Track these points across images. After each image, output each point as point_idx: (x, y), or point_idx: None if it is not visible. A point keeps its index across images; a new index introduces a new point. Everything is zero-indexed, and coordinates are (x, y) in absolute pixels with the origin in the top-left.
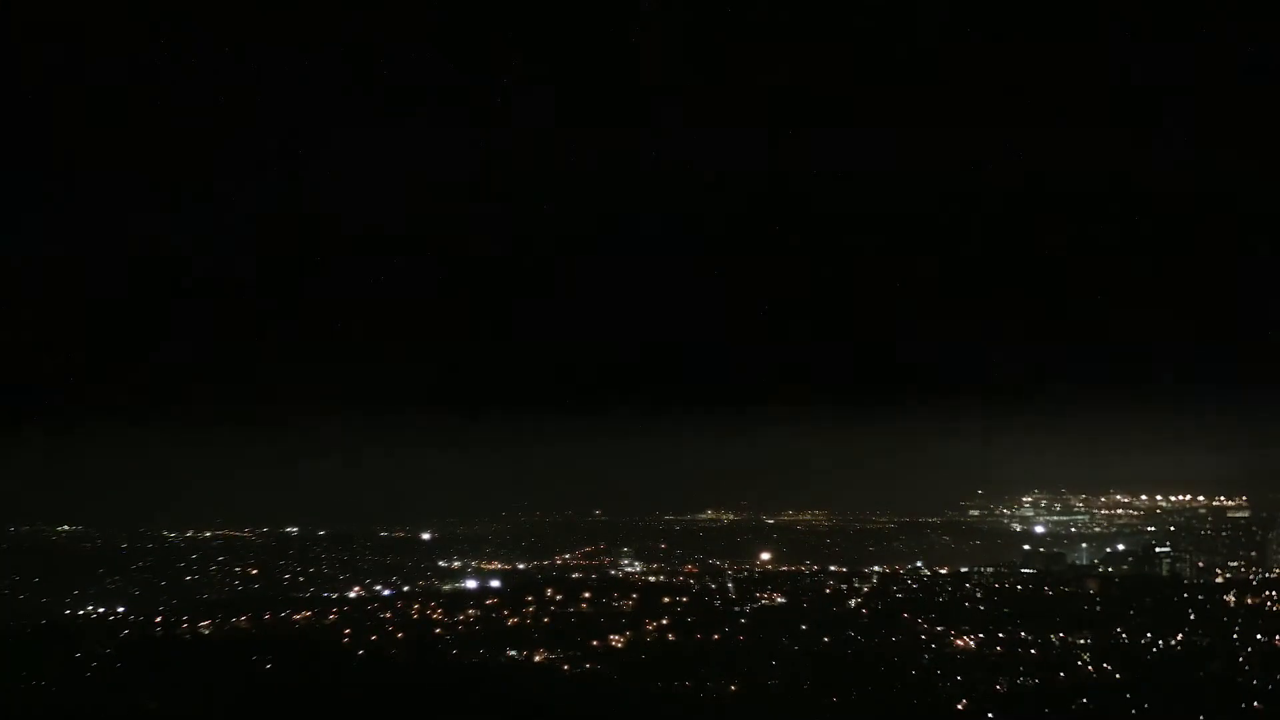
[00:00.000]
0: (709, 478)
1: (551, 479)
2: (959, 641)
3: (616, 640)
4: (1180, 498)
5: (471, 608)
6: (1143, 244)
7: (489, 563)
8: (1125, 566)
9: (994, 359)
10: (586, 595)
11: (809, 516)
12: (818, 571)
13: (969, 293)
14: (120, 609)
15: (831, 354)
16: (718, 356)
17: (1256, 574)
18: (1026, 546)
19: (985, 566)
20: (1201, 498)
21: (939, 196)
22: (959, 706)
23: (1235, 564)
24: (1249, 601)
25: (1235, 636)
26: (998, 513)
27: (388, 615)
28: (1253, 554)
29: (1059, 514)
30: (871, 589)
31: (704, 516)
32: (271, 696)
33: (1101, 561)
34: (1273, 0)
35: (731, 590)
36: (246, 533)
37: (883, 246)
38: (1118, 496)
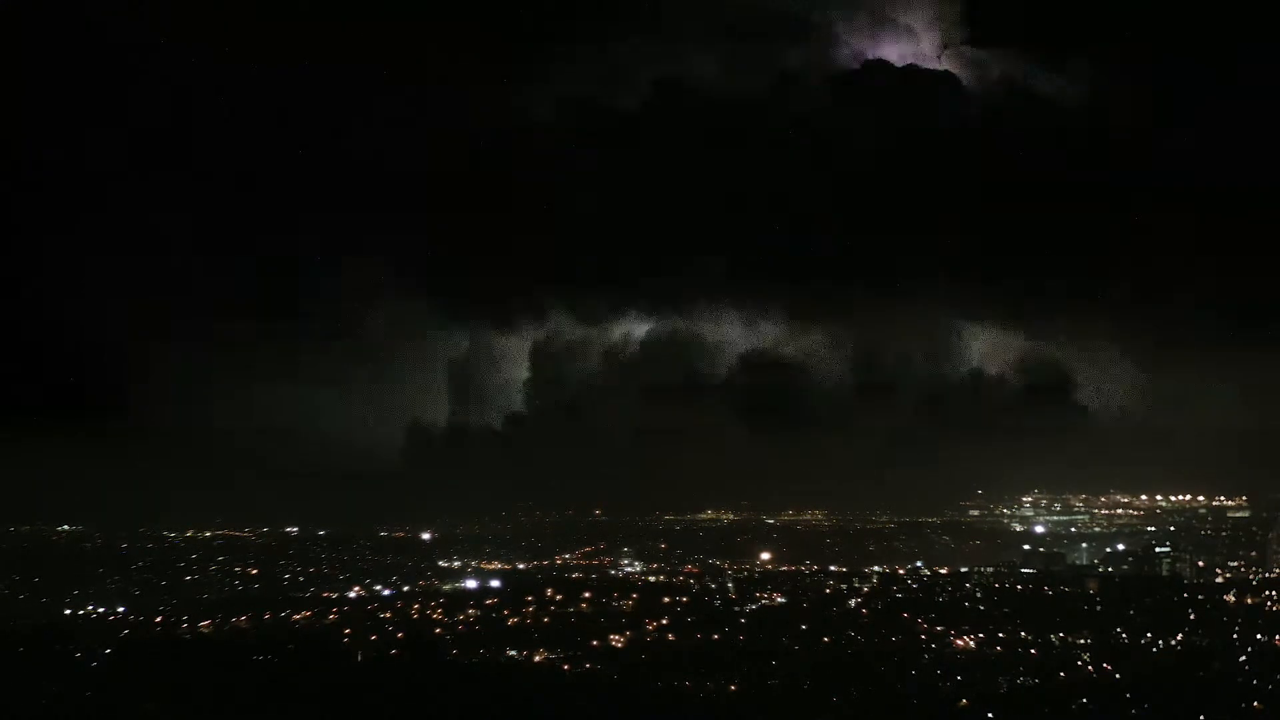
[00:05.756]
0: (709, 478)
1: (551, 479)
2: (959, 641)
3: (616, 640)
4: (1180, 498)
5: (471, 608)
6: (1144, 242)
7: (489, 563)
8: (1125, 566)
9: (995, 358)
10: (586, 595)
11: (809, 516)
12: (818, 571)
13: (970, 291)
14: (120, 609)
15: (832, 352)
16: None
17: (1256, 574)
18: (1026, 546)
19: (985, 566)
20: (1201, 498)
21: (938, 191)
22: (959, 706)
23: (1235, 564)
24: (1249, 601)
25: (1235, 636)
26: (998, 513)
27: (388, 615)
28: (1253, 554)
29: (1059, 514)
30: (871, 589)
31: (704, 516)
32: (271, 696)
33: (1101, 561)
34: None
35: (731, 590)
36: (246, 533)
37: (883, 244)
38: (1118, 496)
